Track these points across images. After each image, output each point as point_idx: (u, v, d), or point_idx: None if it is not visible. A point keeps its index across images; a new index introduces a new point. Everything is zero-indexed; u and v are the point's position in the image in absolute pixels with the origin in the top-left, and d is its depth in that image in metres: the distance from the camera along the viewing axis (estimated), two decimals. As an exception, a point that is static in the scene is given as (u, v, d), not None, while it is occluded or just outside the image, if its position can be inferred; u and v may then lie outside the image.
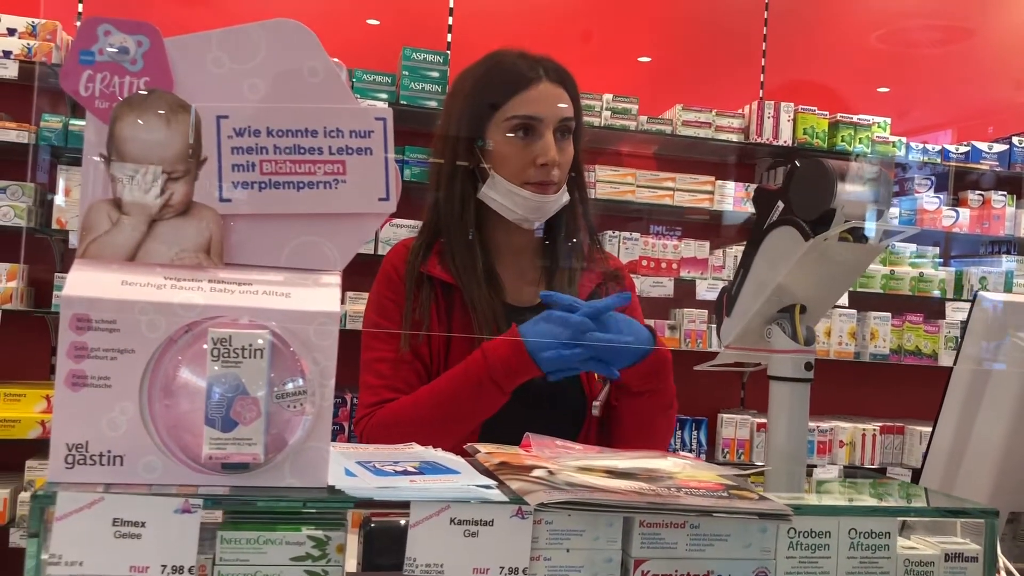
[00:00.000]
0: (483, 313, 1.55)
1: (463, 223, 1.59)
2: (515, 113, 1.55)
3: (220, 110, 0.92)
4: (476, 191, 1.58)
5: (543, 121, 1.55)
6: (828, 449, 4.13)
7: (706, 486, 0.99)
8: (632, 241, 4.00)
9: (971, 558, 1.02)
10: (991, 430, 1.29)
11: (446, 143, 1.61)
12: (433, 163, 1.67)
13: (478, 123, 1.58)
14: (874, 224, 1.25)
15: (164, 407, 0.86)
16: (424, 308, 1.55)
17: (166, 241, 0.91)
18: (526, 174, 1.55)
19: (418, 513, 0.87)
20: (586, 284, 1.64)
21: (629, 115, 4.05)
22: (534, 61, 1.58)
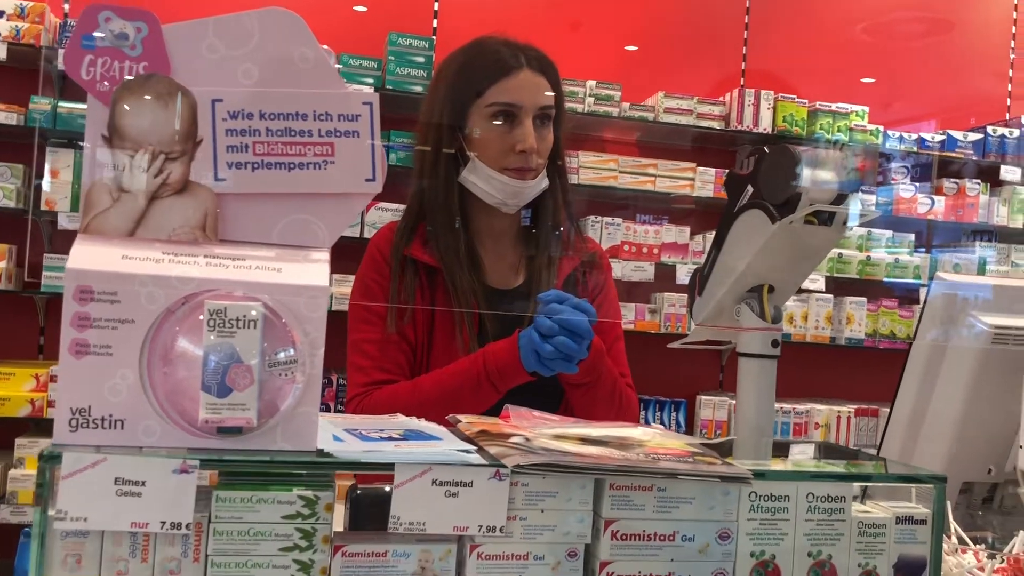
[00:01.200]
0: (464, 295, 1.60)
1: (446, 207, 1.64)
2: (495, 100, 1.59)
3: (215, 94, 0.97)
4: (458, 175, 1.63)
5: (522, 108, 1.59)
6: (804, 431, 4.22)
7: (673, 452, 1.05)
8: (614, 226, 4.06)
9: (921, 521, 1.09)
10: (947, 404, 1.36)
11: (429, 128, 1.66)
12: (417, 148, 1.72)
13: (460, 109, 1.62)
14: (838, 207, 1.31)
15: (162, 374, 0.91)
16: (409, 291, 1.60)
17: (164, 218, 0.96)
18: (505, 160, 1.59)
19: (402, 474, 0.93)
20: (565, 268, 1.69)
21: (612, 102, 4.10)
22: (516, 49, 1.62)
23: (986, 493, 1.44)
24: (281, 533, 0.91)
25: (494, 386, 1.50)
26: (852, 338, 4.27)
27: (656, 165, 4.14)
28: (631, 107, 4.14)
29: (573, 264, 1.70)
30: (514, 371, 1.48)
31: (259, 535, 0.91)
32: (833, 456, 1.45)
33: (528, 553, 0.97)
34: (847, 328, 4.26)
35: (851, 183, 1.33)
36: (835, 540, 1.06)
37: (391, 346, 1.60)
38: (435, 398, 1.51)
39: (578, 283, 1.70)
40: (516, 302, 1.66)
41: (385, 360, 1.59)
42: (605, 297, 1.74)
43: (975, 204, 4.48)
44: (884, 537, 1.08)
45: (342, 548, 0.93)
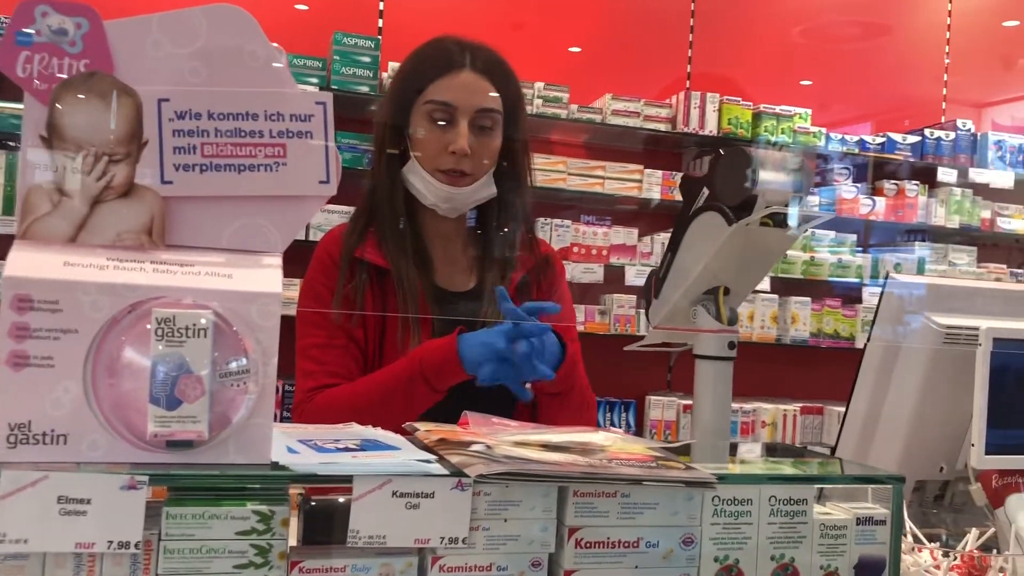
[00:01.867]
0: (411, 295, 1.57)
1: (393, 207, 1.61)
2: (432, 98, 1.56)
3: (161, 93, 0.93)
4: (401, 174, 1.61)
5: (458, 109, 1.56)
6: (751, 429, 4.27)
7: (636, 457, 1.04)
8: (563, 228, 4.06)
9: (880, 521, 1.09)
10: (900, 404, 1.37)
11: (379, 127, 1.63)
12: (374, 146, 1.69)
13: (404, 107, 1.59)
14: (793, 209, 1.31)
15: (108, 386, 0.87)
16: (359, 292, 1.57)
17: (108, 223, 0.91)
18: (438, 161, 1.56)
19: (361, 487, 0.90)
20: (518, 271, 1.67)
21: (560, 103, 4.10)
22: (464, 48, 1.59)
23: (938, 491, 1.46)
24: (235, 550, 0.88)
25: (429, 385, 1.46)
26: (797, 337, 4.33)
27: (604, 167, 4.15)
28: (579, 109, 4.14)
29: (527, 267, 1.68)
30: (451, 369, 1.45)
31: (212, 552, 0.87)
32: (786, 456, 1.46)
33: (491, 564, 0.95)
34: (792, 328, 4.32)
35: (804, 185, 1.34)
36: (797, 543, 1.06)
37: (339, 350, 1.56)
38: (372, 399, 1.48)
39: (531, 286, 1.69)
40: (468, 304, 1.64)
41: (334, 364, 1.55)
42: (559, 300, 1.72)
43: (914, 205, 4.58)
44: (845, 538, 1.08)
45: (299, 564, 0.90)
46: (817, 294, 4.43)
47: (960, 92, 5.13)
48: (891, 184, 4.61)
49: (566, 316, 1.73)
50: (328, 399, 1.51)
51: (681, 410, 4.21)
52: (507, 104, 1.61)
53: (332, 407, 1.49)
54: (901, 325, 1.36)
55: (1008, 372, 1.28)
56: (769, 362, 4.46)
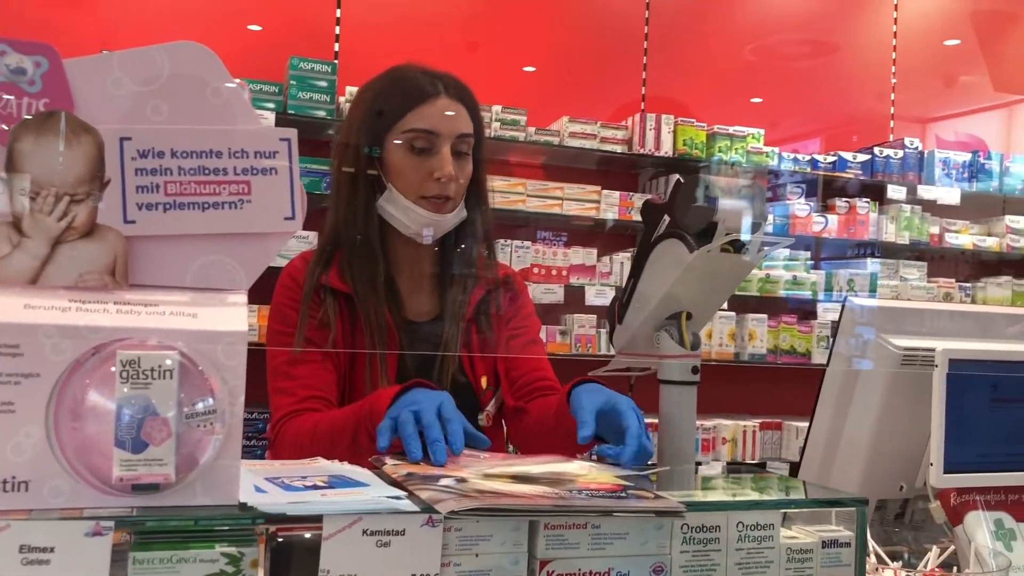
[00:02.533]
0: (379, 330, 1.57)
1: (365, 236, 1.60)
2: (413, 127, 1.57)
3: (123, 131, 0.92)
4: (375, 203, 1.60)
5: (440, 136, 1.57)
6: (712, 446, 4.30)
7: (606, 487, 1.05)
8: (523, 249, 4.08)
9: (845, 543, 1.11)
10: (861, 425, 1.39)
11: (346, 155, 1.62)
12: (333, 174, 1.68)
13: (377, 135, 1.59)
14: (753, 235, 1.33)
15: (71, 430, 0.85)
16: (330, 320, 1.56)
17: (70, 263, 0.90)
18: (422, 188, 1.57)
19: (331, 526, 0.89)
20: (477, 293, 1.67)
21: (518, 126, 4.13)
22: (435, 76, 1.60)
23: (899, 509, 1.48)
24: (204, 594, 0.87)
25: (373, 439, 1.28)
26: (755, 354, 4.38)
27: (563, 188, 4.18)
28: (537, 131, 4.17)
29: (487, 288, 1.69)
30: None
31: (180, 597, 0.86)
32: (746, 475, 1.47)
33: (463, 599, 0.95)
34: (750, 344, 4.37)
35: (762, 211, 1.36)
36: (765, 568, 1.07)
37: (315, 365, 1.54)
38: (325, 437, 1.41)
39: (492, 307, 1.69)
40: (432, 329, 1.64)
41: (309, 378, 1.53)
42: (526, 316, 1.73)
43: (865, 222, 4.67)
44: (811, 562, 1.09)
45: (269, 606, 0.89)
46: (773, 311, 4.49)
47: (907, 109, 5.26)
48: (842, 201, 4.70)
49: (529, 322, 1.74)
50: (293, 431, 1.49)
51: (643, 429, 4.23)
52: (476, 129, 1.63)
53: (298, 441, 1.47)
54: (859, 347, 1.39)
55: (964, 391, 1.31)
56: (728, 379, 4.51)
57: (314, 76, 3.76)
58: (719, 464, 4.24)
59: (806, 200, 4.66)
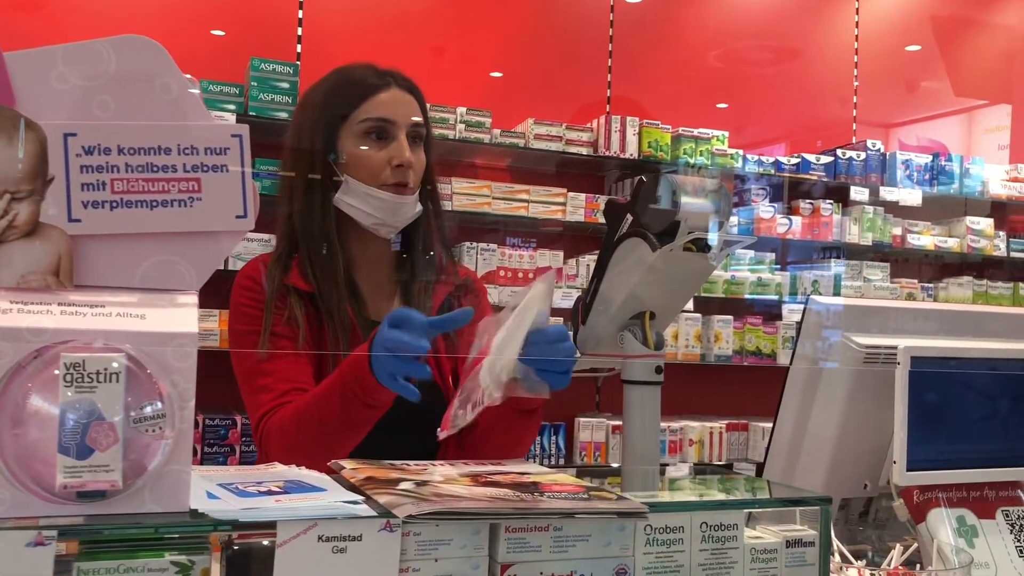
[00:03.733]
0: (343, 328, 1.55)
1: (323, 232, 1.58)
2: (368, 116, 1.56)
3: (67, 127, 0.89)
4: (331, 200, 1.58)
5: (395, 124, 1.57)
6: (679, 448, 4.31)
7: (567, 489, 1.03)
8: (489, 252, 4.06)
9: (809, 543, 1.10)
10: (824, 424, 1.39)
11: (298, 155, 1.60)
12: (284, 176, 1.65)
13: (330, 132, 1.58)
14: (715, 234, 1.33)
15: (12, 436, 0.82)
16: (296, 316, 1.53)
17: (11, 264, 0.87)
18: (382, 176, 1.56)
19: (285, 532, 0.87)
20: (439, 294, 1.66)
21: (483, 128, 4.11)
22: (382, 71, 1.62)
23: (862, 508, 1.49)
24: (153, 604, 0.84)
25: (361, 400, 1.33)
26: (721, 355, 4.40)
27: (529, 191, 4.17)
28: (502, 133, 4.16)
29: (447, 290, 1.67)
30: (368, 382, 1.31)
31: (128, 608, 0.83)
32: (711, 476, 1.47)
33: (422, 605, 0.93)
34: (716, 346, 4.39)
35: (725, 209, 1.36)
36: (729, 568, 1.06)
37: (290, 359, 1.51)
38: (311, 420, 1.39)
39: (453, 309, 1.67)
40: None
41: (287, 372, 1.49)
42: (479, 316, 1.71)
43: (829, 223, 4.71)
44: (776, 561, 1.08)
45: (221, 615, 0.86)
46: (738, 312, 4.51)
47: (869, 113, 5.32)
48: (807, 203, 4.73)
49: None
50: (276, 421, 1.44)
51: (610, 431, 4.23)
52: (426, 123, 1.63)
53: (280, 432, 1.42)
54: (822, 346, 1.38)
55: (926, 389, 1.31)
56: (694, 380, 4.52)
57: (275, 77, 3.72)
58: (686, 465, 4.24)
59: (771, 202, 4.69)
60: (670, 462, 4.23)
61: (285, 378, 1.49)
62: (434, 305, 1.64)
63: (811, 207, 4.73)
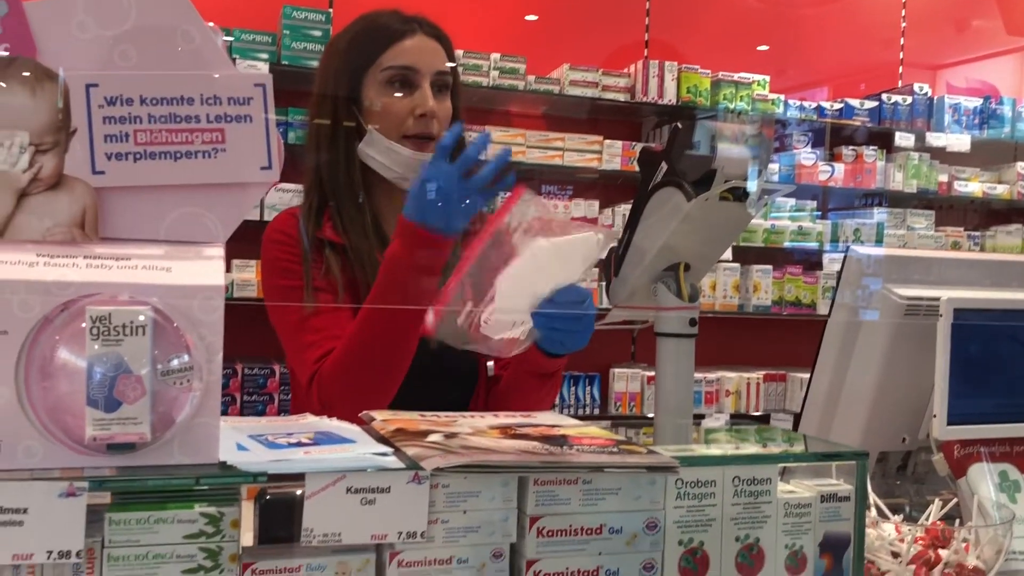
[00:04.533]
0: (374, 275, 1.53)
1: (349, 184, 1.57)
2: (391, 64, 1.54)
3: (89, 78, 0.88)
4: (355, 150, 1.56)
5: (419, 72, 1.54)
6: (715, 398, 4.29)
7: (597, 442, 1.02)
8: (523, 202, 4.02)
9: (844, 498, 1.09)
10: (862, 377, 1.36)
11: (323, 103, 1.58)
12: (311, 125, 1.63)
13: (354, 79, 1.55)
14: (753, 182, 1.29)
15: (42, 389, 0.82)
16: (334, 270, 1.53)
17: (36, 216, 0.87)
18: (404, 126, 1.53)
19: (313, 484, 0.87)
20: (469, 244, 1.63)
21: (517, 75, 4.05)
22: (408, 17, 1.58)
23: (900, 462, 1.46)
24: (184, 554, 0.85)
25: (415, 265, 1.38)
26: (759, 305, 4.35)
27: (563, 139, 4.12)
28: (536, 80, 4.10)
29: None
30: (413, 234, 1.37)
31: (159, 558, 0.84)
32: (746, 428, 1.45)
33: (451, 557, 0.93)
34: (754, 296, 4.33)
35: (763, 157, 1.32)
36: (762, 523, 1.04)
37: (335, 314, 1.50)
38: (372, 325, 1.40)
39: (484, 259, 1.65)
40: None
41: (334, 328, 1.48)
42: None
43: (872, 170, 4.60)
44: (809, 516, 1.07)
45: (251, 565, 0.87)
46: (778, 261, 4.45)
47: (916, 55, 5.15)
48: (849, 150, 4.62)
49: None
50: (332, 361, 1.44)
51: (645, 382, 4.22)
52: (453, 71, 1.59)
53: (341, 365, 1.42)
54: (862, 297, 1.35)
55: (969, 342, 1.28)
56: (732, 331, 4.48)
57: (308, 25, 3.68)
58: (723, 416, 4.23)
59: (812, 149, 4.59)
60: (706, 413, 4.21)
61: (333, 334, 1.48)
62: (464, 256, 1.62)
63: (854, 154, 4.62)
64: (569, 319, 1.31)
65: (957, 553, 1.16)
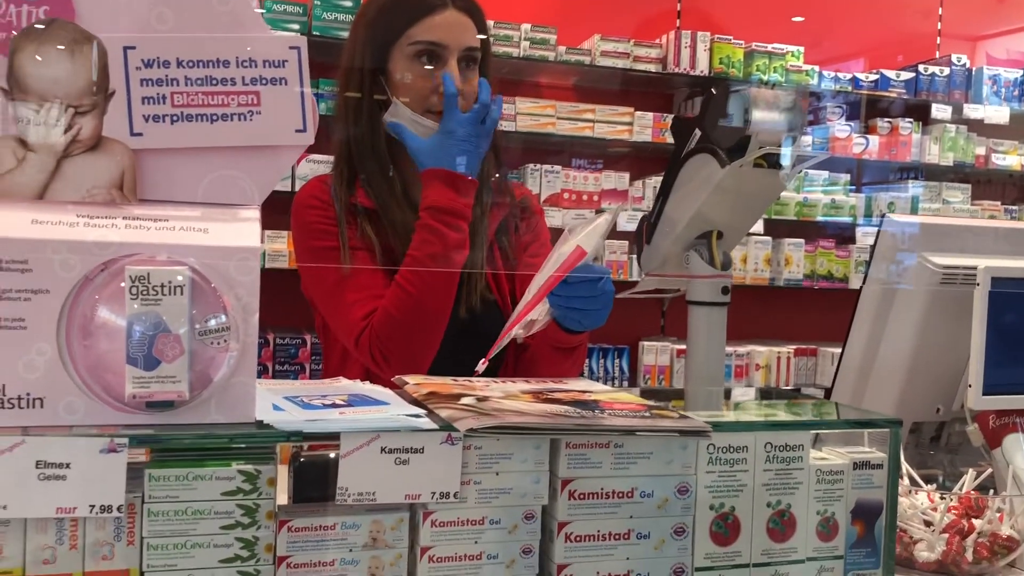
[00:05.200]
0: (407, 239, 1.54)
1: (376, 153, 1.57)
2: (419, 38, 1.52)
3: (126, 40, 0.89)
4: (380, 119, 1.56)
5: (447, 48, 1.52)
6: (745, 372, 4.27)
7: (629, 407, 1.02)
8: (553, 174, 4.01)
9: (877, 465, 1.08)
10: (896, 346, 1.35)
11: (351, 73, 1.58)
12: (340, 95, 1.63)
13: (382, 50, 1.55)
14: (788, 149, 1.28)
15: (83, 347, 0.84)
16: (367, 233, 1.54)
17: (76, 178, 0.88)
18: (429, 102, 1.53)
19: (348, 444, 0.88)
20: (496, 215, 1.63)
21: (548, 45, 4.02)
22: None
23: (934, 432, 1.45)
24: (221, 511, 0.86)
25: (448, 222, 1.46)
26: (791, 279, 4.31)
27: (594, 110, 4.09)
28: (567, 51, 4.06)
29: (504, 211, 1.65)
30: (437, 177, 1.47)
31: (198, 514, 0.86)
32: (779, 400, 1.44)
33: (484, 518, 0.94)
34: (786, 270, 4.30)
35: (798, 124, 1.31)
36: (793, 489, 1.04)
37: (374, 275, 1.52)
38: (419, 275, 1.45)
39: (510, 229, 1.66)
40: None
41: (375, 288, 1.50)
42: (536, 238, 1.69)
43: (908, 143, 4.53)
44: (842, 484, 1.07)
45: (287, 523, 0.88)
46: (810, 235, 4.40)
47: (954, 26, 5.05)
48: (884, 122, 4.55)
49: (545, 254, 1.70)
50: (381, 317, 1.47)
51: (675, 355, 4.21)
52: (483, 44, 1.57)
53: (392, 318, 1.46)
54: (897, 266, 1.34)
55: (1006, 311, 1.26)
56: (763, 305, 4.45)
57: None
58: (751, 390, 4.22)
59: (847, 121, 4.52)
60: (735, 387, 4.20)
61: (375, 294, 1.49)
62: (491, 225, 1.62)
63: (889, 126, 4.55)
64: (586, 298, 1.31)
65: (991, 523, 1.15)
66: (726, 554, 1.02)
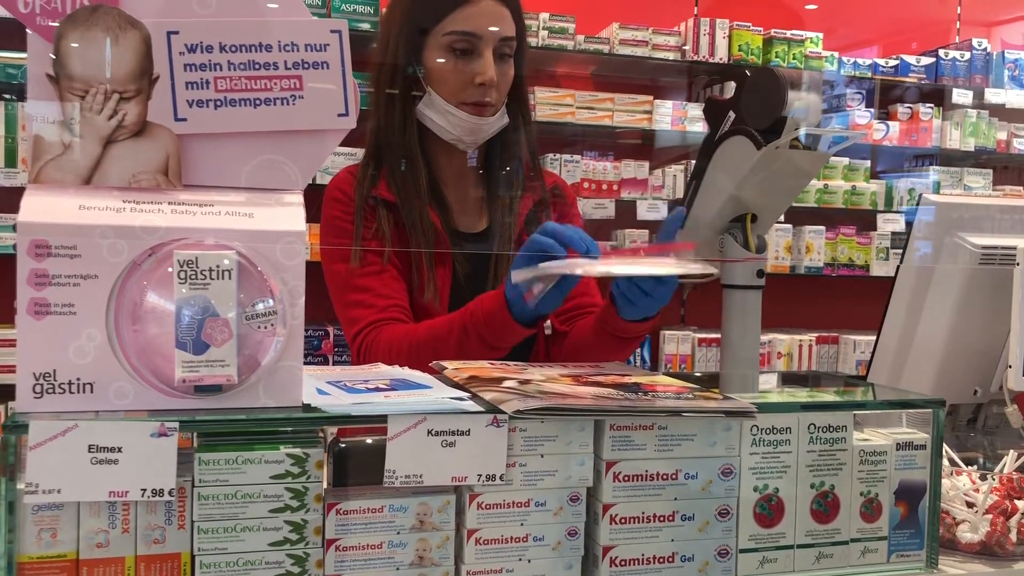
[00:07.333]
0: (423, 232, 1.54)
1: (404, 144, 1.56)
2: (453, 29, 1.51)
3: (170, 25, 0.89)
4: (414, 110, 1.55)
5: (482, 39, 1.51)
6: (767, 360, 4.26)
7: (672, 388, 1.02)
8: (573, 164, 4.00)
9: (920, 446, 1.08)
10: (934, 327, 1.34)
11: (384, 63, 1.57)
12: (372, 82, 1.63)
13: (416, 40, 1.54)
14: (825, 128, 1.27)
15: (132, 332, 0.84)
16: (384, 229, 1.53)
17: (122, 163, 0.88)
18: (463, 93, 1.52)
19: (395, 426, 0.88)
20: (526, 206, 1.63)
21: (566, 34, 4.01)
22: None
23: (971, 414, 1.44)
24: (271, 494, 0.86)
25: (484, 341, 1.34)
26: (811, 267, 4.29)
27: (613, 99, 4.07)
28: (586, 40, 4.05)
29: (534, 200, 1.64)
30: (502, 322, 1.32)
31: (247, 497, 0.86)
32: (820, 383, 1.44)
33: (529, 500, 0.94)
34: (806, 257, 4.28)
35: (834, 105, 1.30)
36: (837, 470, 1.04)
37: (385, 275, 1.52)
38: (427, 344, 1.39)
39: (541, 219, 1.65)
40: (481, 246, 1.60)
41: (383, 288, 1.50)
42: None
43: (928, 128, 4.50)
44: (885, 464, 1.06)
45: (336, 506, 0.88)
46: (831, 222, 4.38)
47: (973, 10, 5.00)
48: (904, 108, 4.52)
49: None
50: (387, 340, 1.44)
51: (696, 344, 4.20)
52: (519, 33, 1.56)
53: (393, 347, 1.43)
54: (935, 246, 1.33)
55: (1046, 291, 1.25)
56: (783, 292, 4.43)
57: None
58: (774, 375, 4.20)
59: (866, 107, 4.49)
60: (758, 374, 4.18)
61: (382, 295, 1.49)
62: (521, 213, 1.62)
63: (909, 112, 4.51)
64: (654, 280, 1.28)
65: (1034, 504, 1.14)
66: (770, 535, 1.02)
